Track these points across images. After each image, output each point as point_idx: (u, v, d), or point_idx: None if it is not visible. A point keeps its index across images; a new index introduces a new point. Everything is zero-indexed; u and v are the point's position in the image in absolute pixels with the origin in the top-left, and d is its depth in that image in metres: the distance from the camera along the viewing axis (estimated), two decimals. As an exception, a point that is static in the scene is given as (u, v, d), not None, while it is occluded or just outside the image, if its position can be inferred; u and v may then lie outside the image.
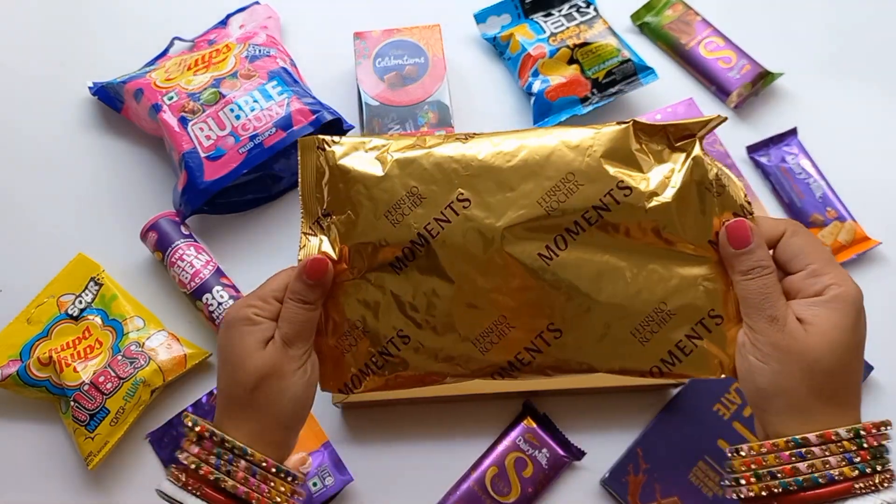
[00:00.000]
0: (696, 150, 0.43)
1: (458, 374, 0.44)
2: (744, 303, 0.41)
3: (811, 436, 0.38)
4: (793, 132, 0.74)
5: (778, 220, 0.42)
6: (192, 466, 0.41)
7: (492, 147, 0.44)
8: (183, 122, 0.69)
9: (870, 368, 0.64)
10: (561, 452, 0.61)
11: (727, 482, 0.41)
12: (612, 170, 0.43)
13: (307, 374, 0.43)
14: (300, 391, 0.43)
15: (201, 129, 0.68)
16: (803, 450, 0.38)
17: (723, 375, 0.42)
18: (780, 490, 0.38)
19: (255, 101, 0.69)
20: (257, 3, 0.82)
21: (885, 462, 0.38)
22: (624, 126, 0.43)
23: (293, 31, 0.83)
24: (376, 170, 0.44)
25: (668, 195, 0.42)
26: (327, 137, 0.46)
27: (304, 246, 0.45)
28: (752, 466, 0.39)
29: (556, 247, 0.43)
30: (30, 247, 0.72)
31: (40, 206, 0.74)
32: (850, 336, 0.39)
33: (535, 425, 0.62)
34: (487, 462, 0.61)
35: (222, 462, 0.41)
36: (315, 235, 0.45)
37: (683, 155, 0.43)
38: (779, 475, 0.38)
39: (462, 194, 0.43)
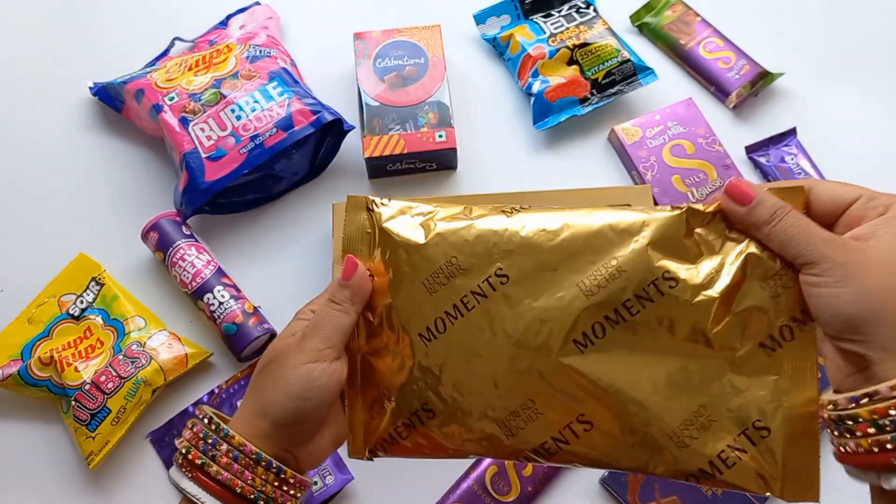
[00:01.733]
0: (751, 248, 0.40)
1: (481, 453, 0.43)
2: (788, 246, 0.37)
3: None
4: (792, 132, 0.74)
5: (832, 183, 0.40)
6: (183, 451, 0.41)
7: (536, 223, 0.42)
8: (184, 122, 0.69)
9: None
10: (561, 452, 0.62)
11: (836, 433, 0.35)
12: (659, 259, 0.40)
13: (313, 374, 0.41)
14: (296, 387, 0.41)
15: (202, 130, 0.69)
16: None
17: (768, 494, 0.39)
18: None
19: (256, 101, 0.69)
20: (258, 3, 0.83)
21: None
22: (677, 213, 0.41)
23: (293, 31, 0.83)
24: (419, 236, 0.43)
25: (716, 290, 0.39)
26: (376, 199, 0.45)
27: None
28: (874, 416, 0.33)
29: (593, 334, 0.40)
30: (31, 246, 0.72)
31: (41, 206, 0.74)
32: None
33: (535, 425, 0.62)
34: (487, 461, 0.62)
35: (209, 446, 0.41)
36: None
37: (737, 247, 0.40)
38: None
39: (500, 270, 0.41)
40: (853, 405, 0.34)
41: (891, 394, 0.33)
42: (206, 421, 0.42)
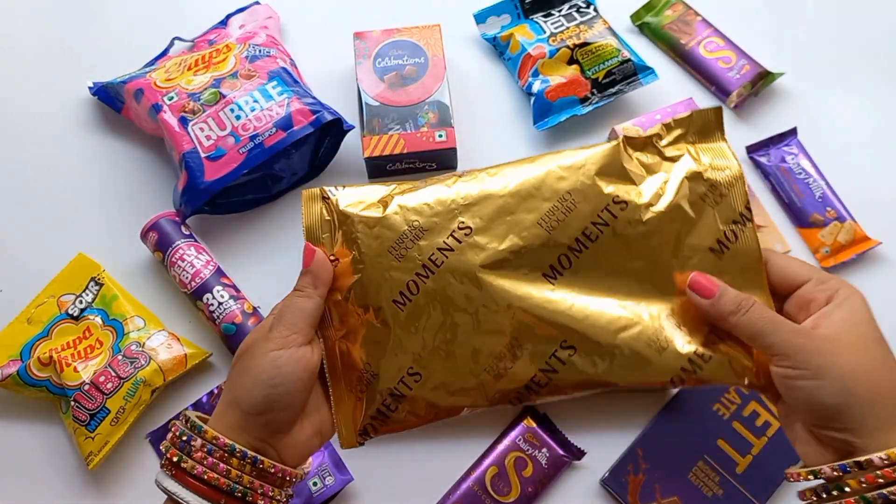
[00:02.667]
0: (687, 161, 0.44)
1: (474, 405, 0.44)
2: (758, 338, 0.40)
3: None
4: (792, 132, 0.74)
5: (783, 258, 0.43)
6: (164, 451, 0.42)
7: (488, 177, 0.45)
8: (183, 122, 0.69)
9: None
10: (561, 452, 0.61)
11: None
12: (606, 187, 0.43)
13: (279, 360, 0.41)
14: (264, 374, 0.41)
15: (201, 129, 0.69)
16: None
17: (747, 382, 0.42)
18: None
19: (256, 101, 0.69)
20: (257, 3, 0.82)
21: None
22: (614, 143, 0.44)
23: (293, 31, 0.83)
24: (377, 212, 0.45)
25: (661, 205, 0.43)
26: (330, 188, 0.47)
27: None
28: (864, 485, 0.35)
29: (560, 266, 0.43)
30: (30, 247, 0.72)
31: (40, 206, 0.74)
32: (870, 328, 0.39)
33: (535, 425, 0.62)
34: (487, 462, 0.61)
35: (184, 443, 0.41)
36: None
37: (675, 165, 0.44)
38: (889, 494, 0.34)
39: (462, 223, 0.44)
40: (838, 473, 0.35)
41: (882, 463, 0.34)
42: (183, 421, 0.42)
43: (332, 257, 0.45)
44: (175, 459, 0.41)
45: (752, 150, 0.74)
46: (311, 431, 0.44)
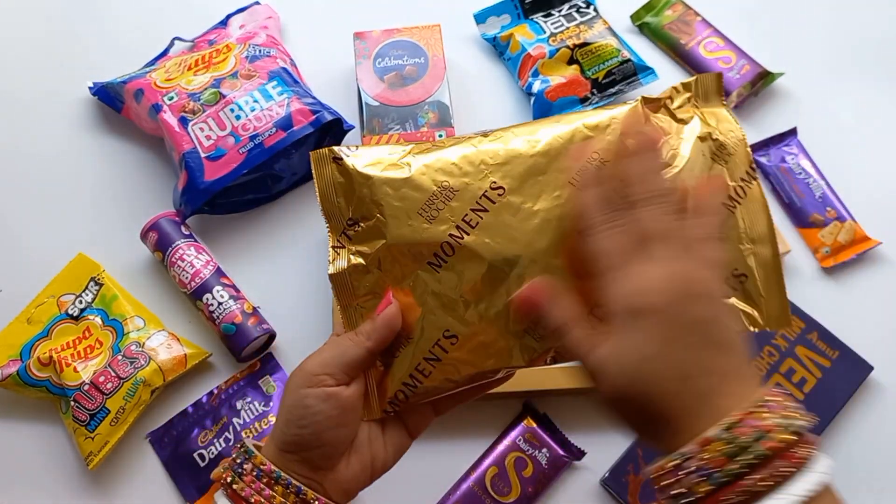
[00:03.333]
0: (697, 123, 0.44)
1: (512, 366, 0.42)
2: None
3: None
4: (793, 132, 0.74)
5: None
6: (221, 470, 0.43)
7: (514, 136, 0.44)
8: (183, 122, 0.69)
9: (870, 368, 0.64)
10: (561, 452, 0.61)
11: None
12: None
13: (307, 400, 0.41)
14: (292, 413, 0.41)
15: (201, 129, 0.68)
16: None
17: (752, 328, 0.42)
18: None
19: (256, 101, 0.69)
20: (257, 3, 0.82)
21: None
22: (633, 105, 0.44)
23: (293, 31, 0.83)
24: (401, 172, 0.43)
25: (678, 165, 0.43)
26: (342, 147, 0.44)
27: (334, 260, 0.44)
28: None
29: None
30: (30, 247, 0.72)
31: (40, 206, 0.74)
32: None
33: (535, 425, 0.62)
34: (487, 462, 0.61)
35: (238, 465, 0.42)
36: (343, 247, 0.44)
37: (686, 126, 0.44)
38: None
39: (495, 183, 0.42)
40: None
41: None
42: (239, 445, 0.43)
43: (349, 220, 0.43)
44: (228, 480, 0.41)
45: (752, 149, 0.74)
46: (358, 468, 0.43)
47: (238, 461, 0.42)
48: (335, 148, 0.44)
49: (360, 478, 0.43)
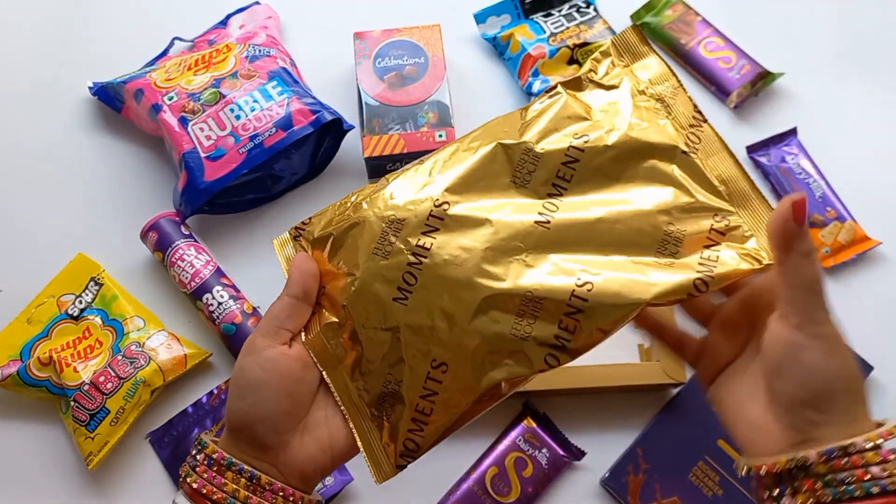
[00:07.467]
0: (627, 84, 0.44)
1: (513, 376, 0.40)
2: (800, 291, 0.36)
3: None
4: (793, 132, 0.74)
5: None
6: (182, 472, 0.42)
7: (449, 148, 0.45)
8: (183, 122, 0.69)
9: (870, 368, 0.64)
10: (561, 452, 0.61)
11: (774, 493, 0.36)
12: (566, 129, 0.43)
13: (244, 370, 0.41)
14: (234, 388, 0.41)
15: (201, 129, 0.68)
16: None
17: (758, 266, 0.40)
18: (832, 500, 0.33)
19: (256, 101, 0.69)
20: (257, 3, 0.82)
21: None
22: (555, 94, 0.44)
23: (293, 31, 0.83)
24: (347, 221, 0.44)
25: (623, 126, 0.42)
26: (297, 224, 0.46)
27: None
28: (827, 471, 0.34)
29: (547, 211, 0.42)
30: (30, 247, 0.72)
31: (40, 206, 0.74)
32: None
33: (535, 425, 0.62)
34: (487, 462, 0.61)
35: (193, 458, 0.41)
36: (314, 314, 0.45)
37: (617, 91, 0.44)
38: (849, 481, 0.33)
39: (437, 200, 0.42)
40: (824, 459, 0.34)
41: (868, 446, 0.34)
42: (196, 440, 0.43)
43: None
44: (183, 475, 0.41)
45: (752, 150, 0.74)
46: (315, 448, 0.41)
47: (193, 454, 0.41)
48: (291, 228, 0.47)
49: (319, 460, 0.41)
